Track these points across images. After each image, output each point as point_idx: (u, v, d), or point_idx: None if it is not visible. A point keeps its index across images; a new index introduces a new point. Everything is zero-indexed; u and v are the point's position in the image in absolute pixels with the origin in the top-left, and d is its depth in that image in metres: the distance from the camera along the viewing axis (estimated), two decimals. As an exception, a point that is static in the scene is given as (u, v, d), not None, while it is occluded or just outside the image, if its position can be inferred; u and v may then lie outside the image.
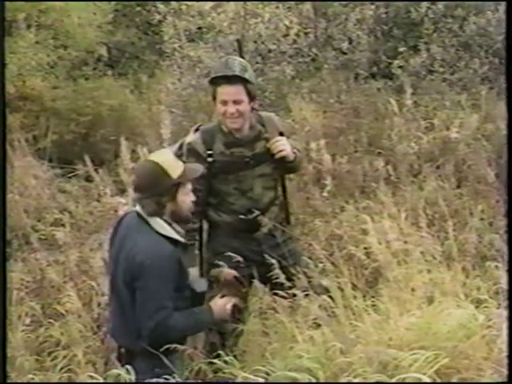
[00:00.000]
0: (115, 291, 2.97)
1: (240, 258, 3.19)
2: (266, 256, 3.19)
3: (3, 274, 2.97)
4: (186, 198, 2.96)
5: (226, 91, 3.29)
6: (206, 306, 3.03)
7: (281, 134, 3.46)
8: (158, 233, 2.89)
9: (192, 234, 3.42)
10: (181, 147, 3.52)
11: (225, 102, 3.29)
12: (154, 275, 2.81)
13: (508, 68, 2.77)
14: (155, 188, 2.89)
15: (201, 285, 3.06)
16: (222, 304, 3.05)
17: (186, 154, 3.40)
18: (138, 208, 2.96)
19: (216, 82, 3.31)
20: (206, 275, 3.44)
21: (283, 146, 3.40)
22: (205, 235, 3.57)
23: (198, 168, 3.10)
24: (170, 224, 2.94)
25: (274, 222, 3.46)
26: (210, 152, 3.37)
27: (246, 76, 3.30)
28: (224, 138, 3.39)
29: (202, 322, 3.04)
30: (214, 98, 3.36)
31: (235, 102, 3.29)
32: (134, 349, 2.90)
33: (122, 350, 3.00)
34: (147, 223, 2.91)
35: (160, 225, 2.90)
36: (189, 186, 2.98)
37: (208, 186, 3.41)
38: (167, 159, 2.94)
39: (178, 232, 2.97)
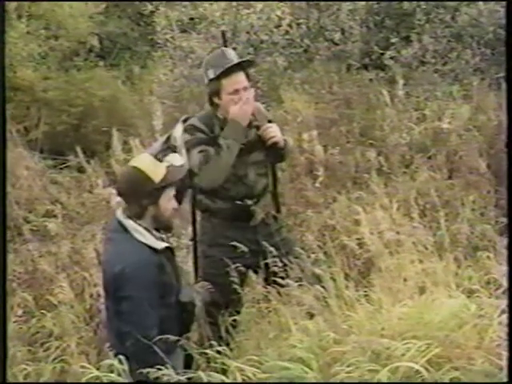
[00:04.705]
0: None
1: (244, 248, 3.16)
2: (263, 244, 3.17)
3: (3, 275, 2.95)
4: (169, 204, 2.90)
5: (235, 80, 3.30)
6: None
7: (269, 122, 3.48)
8: (137, 240, 2.84)
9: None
10: (167, 140, 3.49)
11: (236, 91, 3.29)
12: (135, 284, 2.74)
13: (508, 64, 2.78)
14: (137, 192, 2.85)
15: (184, 293, 2.93)
16: None
17: (190, 131, 3.36)
18: (118, 213, 2.92)
19: (222, 74, 3.29)
20: (200, 270, 3.43)
21: (274, 133, 3.42)
22: (198, 227, 3.55)
23: (181, 168, 3.02)
24: (149, 231, 2.87)
25: (267, 209, 3.46)
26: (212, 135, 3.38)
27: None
28: (220, 125, 3.39)
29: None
30: (217, 93, 3.34)
31: (245, 89, 3.31)
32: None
33: None
34: (126, 230, 2.86)
35: (139, 232, 2.85)
36: (171, 192, 2.92)
37: None
38: (148, 164, 2.89)
39: (158, 238, 2.89)
